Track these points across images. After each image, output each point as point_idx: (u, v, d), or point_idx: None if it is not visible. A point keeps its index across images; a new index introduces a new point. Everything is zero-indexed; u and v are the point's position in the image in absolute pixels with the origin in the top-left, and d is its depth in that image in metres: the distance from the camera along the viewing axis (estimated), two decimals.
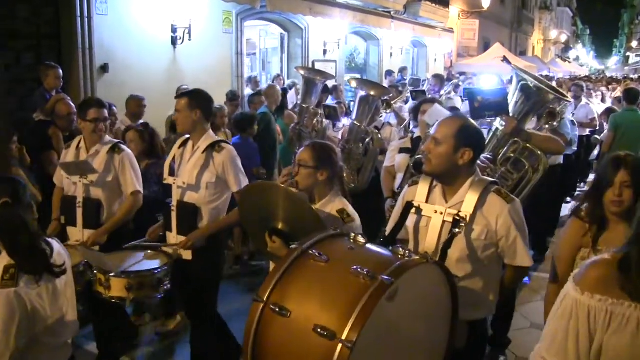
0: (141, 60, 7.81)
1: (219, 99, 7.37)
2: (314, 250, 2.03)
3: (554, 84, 7.49)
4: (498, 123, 3.81)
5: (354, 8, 12.39)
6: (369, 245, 2.14)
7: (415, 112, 4.76)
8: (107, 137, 4.05)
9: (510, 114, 3.79)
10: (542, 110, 4.46)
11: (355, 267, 1.89)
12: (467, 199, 2.49)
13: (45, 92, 5.96)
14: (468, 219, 2.44)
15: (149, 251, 3.68)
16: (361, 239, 2.13)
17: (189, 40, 8.44)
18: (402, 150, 4.52)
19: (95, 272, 3.35)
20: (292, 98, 7.24)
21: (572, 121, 7.11)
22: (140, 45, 7.81)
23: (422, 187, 2.65)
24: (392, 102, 7.08)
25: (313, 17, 11.05)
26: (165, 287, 3.42)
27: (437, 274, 2.14)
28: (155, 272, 3.39)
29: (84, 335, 4.12)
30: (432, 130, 2.59)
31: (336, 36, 12.63)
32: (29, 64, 6.85)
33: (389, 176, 4.65)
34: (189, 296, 3.84)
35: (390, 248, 2.11)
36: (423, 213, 2.57)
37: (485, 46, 21.58)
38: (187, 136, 3.79)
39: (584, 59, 57.65)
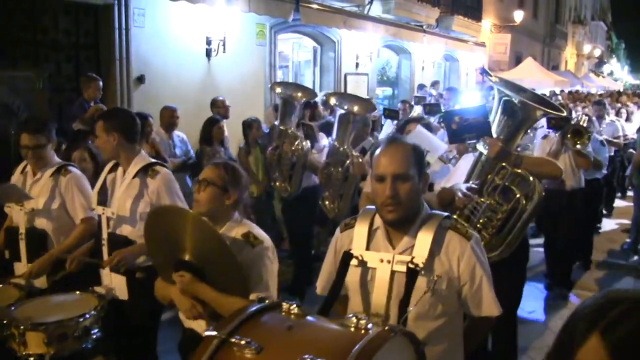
0: (176, 71, 7.91)
1: (252, 111, 7.43)
2: (238, 337, 1.46)
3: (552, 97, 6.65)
4: (481, 147, 3.33)
5: (386, 22, 12.38)
6: (310, 318, 1.60)
7: (401, 132, 4.19)
8: (55, 159, 3.62)
9: (494, 135, 3.30)
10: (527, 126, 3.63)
11: (304, 357, 1.35)
12: (420, 240, 2.00)
13: (85, 102, 6.10)
14: (424, 265, 1.95)
15: (77, 292, 3.14)
16: (298, 310, 1.59)
17: (223, 52, 8.53)
18: None
19: (7, 325, 2.80)
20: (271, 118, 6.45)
21: (601, 142, 6.76)
22: (175, 57, 7.91)
23: (360, 231, 2.12)
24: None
25: (347, 30, 11.08)
26: (95, 336, 2.90)
27: (404, 344, 1.65)
28: (80, 319, 2.83)
29: None
30: (380, 168, 2.03)
31: (368, 49, 12.63)
32: (69, 74, 7.00)
33: (367, 203, 3.89)
34: (127, 338, 3.35)
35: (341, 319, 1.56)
36: (367, 264, 2.06)
37: (517, 60, 21.37)
38: None
39: (618, 74, 56.53)
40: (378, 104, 13.01)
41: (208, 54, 8.45)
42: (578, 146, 5.34)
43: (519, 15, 20.69)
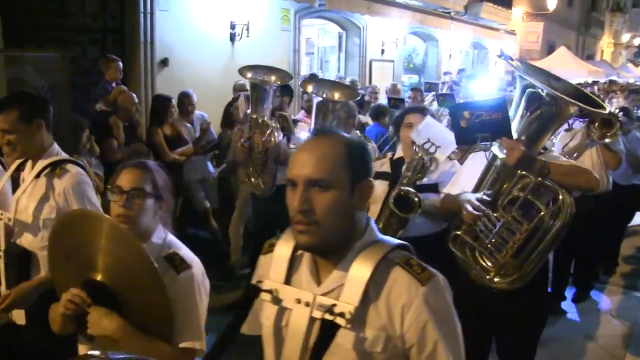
0: (200, 55, 8.01)
1: None
2: None
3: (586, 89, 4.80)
4: (497, 148, 2.72)
5: (413, 8, 12.29)
6: None
7: (397, 124, 3.60)
8: None
9: (514, 135, 2.66)
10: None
11: None
12: (352, 279, 1.43)
13: (107, 84, 6.24)
14: (351, 316, 1.40)
15: None
16: None
17: (247, 37, 8.59)
18: (379, 175, 3.36)
19: None
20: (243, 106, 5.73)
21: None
22: (199, 41, 8.01)
23: (280, 256, 1.56)
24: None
25: (370, 16, 11.03)
26: None
27: None
28: None
29: None
30: (291, 168, 1.48)
31: (394, 36, 12.57)
32: (94, 57, 7.17)
33: None
34: None
35: None
36: (283, 302, 1.50)
37: (549, 50, 20.90)
38: None
39: None
40: (403, 91, 12.92)
41: (232, 38, 8.52)
42: (607, 140, 4.54)
43: (552, 3, 20.20)
